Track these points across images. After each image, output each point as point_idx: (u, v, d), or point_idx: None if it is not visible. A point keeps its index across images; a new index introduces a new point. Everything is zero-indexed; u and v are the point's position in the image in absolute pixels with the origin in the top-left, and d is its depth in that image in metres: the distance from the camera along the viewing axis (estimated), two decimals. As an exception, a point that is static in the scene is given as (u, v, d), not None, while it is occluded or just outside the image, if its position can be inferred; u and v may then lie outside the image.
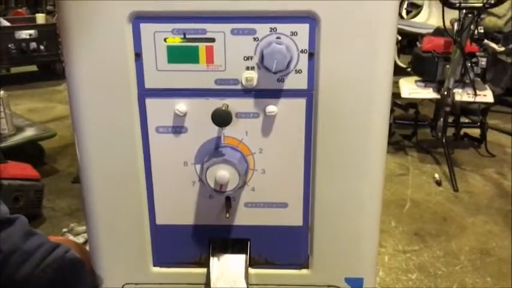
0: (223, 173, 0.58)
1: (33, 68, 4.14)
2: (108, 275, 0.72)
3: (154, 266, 0.70)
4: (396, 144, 2.46)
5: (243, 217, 0.67)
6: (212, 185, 0.58)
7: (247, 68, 0.59)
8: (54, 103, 3.27)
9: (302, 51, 0.58)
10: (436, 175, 2.09)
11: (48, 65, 3.95)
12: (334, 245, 0.68)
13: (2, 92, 2.00)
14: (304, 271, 0.70)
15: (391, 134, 2.40)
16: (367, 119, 0.62)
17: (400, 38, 3.47)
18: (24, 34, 3.64)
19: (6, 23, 3.74)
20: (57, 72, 3.65)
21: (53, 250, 0.61)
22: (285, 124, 0.61)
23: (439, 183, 2.04)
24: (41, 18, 3.96)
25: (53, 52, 3.70)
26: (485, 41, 2.50)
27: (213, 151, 0.61)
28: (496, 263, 1.48)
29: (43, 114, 3.02)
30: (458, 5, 1.98)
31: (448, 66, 2.14)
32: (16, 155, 1.94)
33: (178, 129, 0.62)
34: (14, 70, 4.12)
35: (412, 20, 3.37)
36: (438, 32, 2.34)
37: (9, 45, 3.58)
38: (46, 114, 3.04)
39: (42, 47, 3.67)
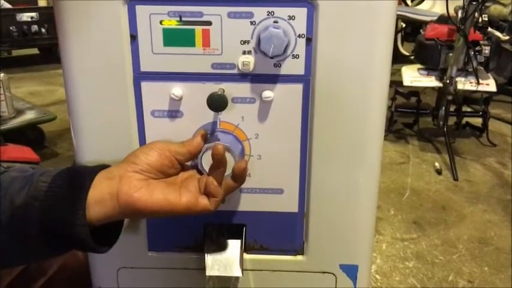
0: (218, 158, 0.57)
1: (35, 51, 4.12)
2: (103, 259, 0.72)
3: (149, 250, 0.70)
4: (397, 132, 2.45)
5: (239, 203, 0.67)
6: (207, 170, 0.57)
7: (244, 52, 0.58)
8: (55, 86, 3.27)
9: (300, 36, 0.57)
10: (437, 164, 2.08)
11: (49, 48, 3.93)
12: (329, 232, 0.68)
13: (2, 74, 1.99)
14: (299, 257, 0.70)
15: (392, 122, 2.39)
16: (365, 105, 0.61)
17: (403, 25, 3.44)
18: (26, 17, 3.61)
19: (7, 5, 3.71)
20: (59, 56, 3.61)
21: None
22: (282, 110, 0.61)
23: (439, 172, 2.03)
24: (42, 1, 3.94)
25: (55, 35, 3.65)
26: (490, 29, 2.47)
27: (209, 136, 0.60)
28: (494, 252, 1.48)
29: (44, 98, 3.01)
30: (462, -8, 1.96)
31: (451, 54, 2.13)
32: (16, 138, 1.94)
33: (173, 113, 0.61)
34: (15, 53, 4.11)
35: (417, 7, 3.33)
36: (442, 19, 2.31)
37: (11, 28, 3.56)
38: (47, 97, 3.03)
39: (43, 30, 3.65)
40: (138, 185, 0.50)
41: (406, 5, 3.34)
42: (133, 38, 0.58)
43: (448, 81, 2.14)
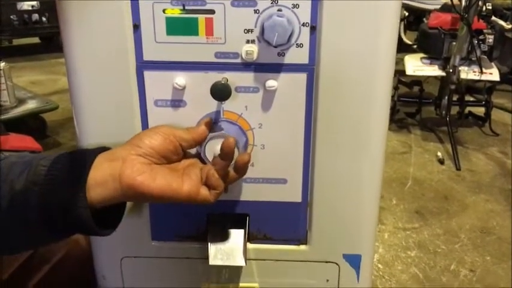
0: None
1: (36, 40, 4.11)
2: (107, 248, 0.72)
3: (152, 240, 0.70)
4: (400, 122, 2.44)
5: (242, 192, 0.67)
6: (210, 160, 0.57)
7: (248, 41, 0.58)
8: (56, 75, 3.26)
9: (304, 25, 0.57)
10: (439, 153, 2.08)
11: (50, 37, 3.92)
12: (332, 221, 0.68)
13: (3, 63, 1.99)
14: (302, 247, 0.70)
15: (395, 111, 2.38)
16: (369, 95, 0.61)
17: (406, 14, 3.42)
18: (26, 5, 3.59)
19: (8, -6, 3.69)
20: (60, 45, 3.59)
21: None
22: (285, 99, 0.60)
23: (441, 161, 2.03)
24: (43, -11, 3.91)
25: (55, 24, 3.61)
26: (493, 18, 2.45)
27: (212, 125, 0.60)
28: (496, 242, 1.48)
29: (45, 87, 3.01)
30: (466, -20, 1.94)
31: (454, 43, 2.11)
32: (18, 127, 1.94)
33: (177, 102, 0.61)
34: (16, 42, 4.09)
35: (420, -5, 3.31)
36: (445, 8, 2.30)
37: (11, 17, 3.54)
38: (48, 86, 3.03)
39: (44, 19, 3.63)
40: (141, 168, 0.49)
41: (409, -7, 3.31)
42: (136, 27, 0.58)
43: (451, 70, 2.13)
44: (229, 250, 0.67)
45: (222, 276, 0.72)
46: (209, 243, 0.67)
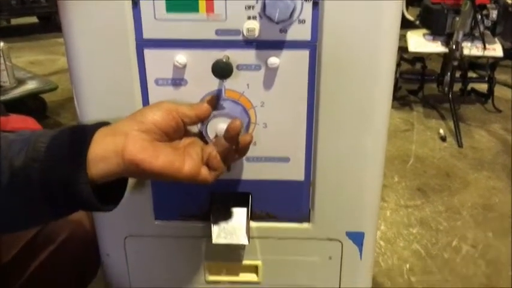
0: (224, 126, 0.56)
1: (34, 19, 4.07)
2: (110, 228, 0.72)
3: (155, 219, 0.70)
4: (402, 99, 2.43)
5: (245, 171, 0.66)
6: (212, 138, 0.57)
7: (249, 18, 0.57)
8: (55, 55, 3.24)
9: (306, 0, 0.56)
10: (441, 131, 2.08)
11: (48, 17, 3.89)
12: (335, 199, 0.68)
13: (2, 44, 1.97)
14: (305, 225, 0.70)
15: (397, 88, 2.37)
16: (373, 72, 0.60)
17: (409, -11, 3.37)
18: (24, -16, 3.55)
19: (5, -27, 3.64)
20: (58, 24, 3.56)
21: None
22: (288, 77, 0.60)
23: (443, 138, 2.03)
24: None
25: (53, 3, 3.61)
26: (497, -8, 2.42)
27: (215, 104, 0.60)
28: (498, 218, 1.49)
29: (45, 67, 2.99)
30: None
31: (457, 18, 2.08)
32: (18, 108, 1.93)
33: (178, 81, 0.60)
34: (14, 22, 4.06)
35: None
36: (449, -18, 2.26)
37: (9, -4, 3.51)
38: (48, 66, 3.01)
39: (42, -2, 3.60)
40: (144, 145, 0.49)
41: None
42: (135, 3, 0.57)
43: (454, 47, 2.11)
44: (232, 229, 0.68)
45: (225, 254, 0.73)
46: (212, 222, 0.67)
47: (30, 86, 2.11)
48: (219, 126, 0.57)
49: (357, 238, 0.71)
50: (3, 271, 0.70)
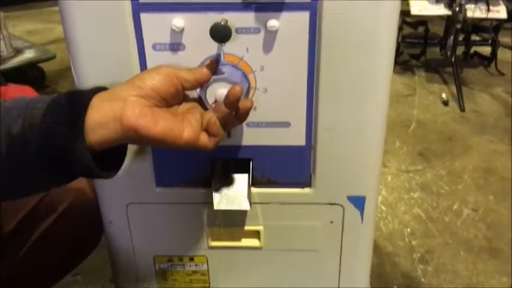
0: (223, 91, 0.56)
1: (30, -13, 4.00)
2: (112, 195, 0.72)
3: (156, 186, 0.70)
4: (404, 64, 2.40)
5: (245, 137, 0.66)
6: (211, 103, 0.56)
7: (247, -21, 0.55)
8: (53, 24, 3.19)
9: (305, -40, 0.54)
10: (444, 95, 2.06)
11: (44, -16, 3.81)
12: (336, 164, 0.68)
13: (-2, 12, 1.94)
14: (306, 190, 0.70)
15: (398, 53, 2.34)
16: (374, 34, 0.59)
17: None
18: (17, -49, 3.48)
19: None
20: (54, -8, 3.52)
21: None
22: (287, 40, 0.58)
23: (446, 103, 2.01)
24: None
25: (49, -30, 3.55)
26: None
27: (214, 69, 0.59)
28: (499, 181, 1.49)
29: (43, 36, 2.95)
30: None
31: (461, -20, 2.04)
32: (16, 77, 1.92)
33: (175, 46, 0.59)
34: (10, -10, 3.99)
35: None
36: None
37: (3, -37, 3.43)
38: (46, 35, 2.97)
39: (36, -35, 3.53)
40: (143, 111, 0.48)
41: None
42: (130, -35, 0.55)
43: (457, 9, 2.07)
44: (234, 195, 0.68)
45: (227, 220, 0.73)
46: (213, 189, 0.68)
47: (28, 55, 2.09)
48: (218, 91, 0.56)
49: (358, 202, 0.71)
50: (6, 240, 0.71)
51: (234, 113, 0.54)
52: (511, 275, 1.12)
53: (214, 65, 0.57)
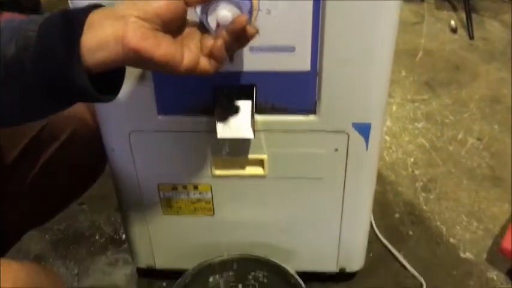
0: (225, 13, 0.53)
1: None
2: (115, 123, 0.72)
3: (158, 114, 0.69)
4: (413, -10, 2.31)
5: (248, 62, 0.64)
6: (214, 27, 0.53)
7: None
8: (46, -50, 3.06)
9: None
10: (452, 22, 1.99)
11: None
12: (342, 90, 0.66)
13: None
14: (311, 117, 0.69)
15: (407, -22, 2.24)
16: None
17: None
18: None
19: None
20: None
21: None
22: (293, -44, 0.55)
23: (454, 30, 1.95)
24: None
25: None
26: None
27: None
28: (505, 110, 1.47)
29: (36, -37, 2.83)
30: None
31: None
32: (11, 6, 1.86)
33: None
34: None
35: None
36: None
37: None
38: (39, -37, 2.85)
39: None
40: (146, 33, 0.46)
41: None
42: None
43: None
44: (237, 123, 0.67)
45: (231, 148, 0.73)
46: (216, 117, 0.66)
47: (22, -17, 2.01)
48: (220, 13, 0.53)
49: (364, 129, 0.70)
50: (10, 169, 0.71)
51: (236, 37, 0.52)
52: (512, 203, 1.13)
53: None
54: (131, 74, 0.65)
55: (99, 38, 0.44)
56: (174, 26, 0.51)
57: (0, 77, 0.44)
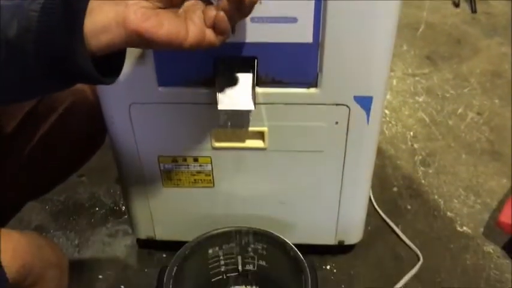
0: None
1: None
2: (115, 95, 0.71)
3: (158, 85, 0.69)
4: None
5: (249, 34, 0.63)
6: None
7: None
8: None
9: None
10: (455, -5, 1.97)
11: None
12: (344, 63, 0.65)
13: None
14: (312, 90, 0.68)
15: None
16: None
17: None
18: None
19: None
20: None
21: None
22: None
23: (456, 4, 1.93)
24: None
25: None
26: None
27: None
28: (506, 85, 1.46)
29: None
30: None
31: None
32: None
33: None
34: None
35: None
36: None
37: None
38: None
39: None
40: (147, 13, 0.45)
41: None
42: None
43: None
44: (238, 94, 0.66)
45: (231, 120, 0.72)
46: (217, 88, 0.66)
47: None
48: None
49: (365, 103, 0.70)
50: (8, 141, 0.70)
51: (237, 6, 0.51)
52: (511, 177, 1.13)
53: None
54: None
55: (102, 23, 0.44)
56: (176, 1, 0.50)
57: (1, 57, 0.43)
